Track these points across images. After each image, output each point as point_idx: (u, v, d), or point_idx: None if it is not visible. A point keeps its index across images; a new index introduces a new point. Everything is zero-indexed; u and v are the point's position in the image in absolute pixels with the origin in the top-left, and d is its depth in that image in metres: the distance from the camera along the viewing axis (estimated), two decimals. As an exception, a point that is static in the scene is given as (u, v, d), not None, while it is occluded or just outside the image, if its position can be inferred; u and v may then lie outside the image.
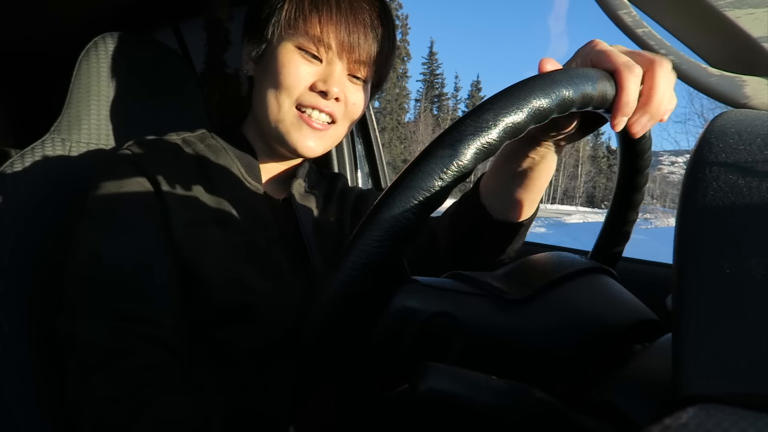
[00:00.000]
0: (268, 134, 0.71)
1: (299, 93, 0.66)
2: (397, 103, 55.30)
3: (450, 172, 0.32)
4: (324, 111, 0.67)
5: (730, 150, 0.26)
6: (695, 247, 0.23)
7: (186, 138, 0.72)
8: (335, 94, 0.66)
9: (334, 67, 0.67)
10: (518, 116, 0.34)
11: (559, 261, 0.43)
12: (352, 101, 0.70)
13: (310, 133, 0.68)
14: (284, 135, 0.68)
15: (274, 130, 0.69)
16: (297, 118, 0.67)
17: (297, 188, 0.76)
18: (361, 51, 0.67)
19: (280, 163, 0.76)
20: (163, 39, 1.31)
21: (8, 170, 0.73)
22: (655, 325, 0.40)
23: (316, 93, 0.67)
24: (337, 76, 0.67)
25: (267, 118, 0.68)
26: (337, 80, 0.67)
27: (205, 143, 0.72)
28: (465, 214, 0.65)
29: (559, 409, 0.30)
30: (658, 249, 5.30)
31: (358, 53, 0.67)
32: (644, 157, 0.50)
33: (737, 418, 0.18)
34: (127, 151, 0.65)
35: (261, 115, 0.70)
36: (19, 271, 0.70)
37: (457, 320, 0.37)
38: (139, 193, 0.62)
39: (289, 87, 0.66)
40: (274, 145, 0.72)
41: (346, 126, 0.72)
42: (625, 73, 0.38)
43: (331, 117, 0.69)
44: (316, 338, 0.35)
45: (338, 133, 0.72)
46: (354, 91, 0.70)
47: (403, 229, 0.32)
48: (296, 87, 0.66)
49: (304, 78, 0.66)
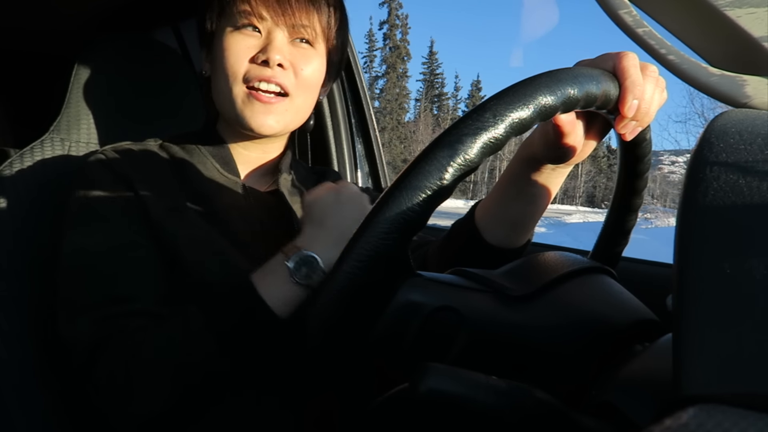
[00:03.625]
0: (229, 121, 0.71)
1: (244, 69, 0.66)
2: (397, 103, 55.32)
3: (456, 165, 0.33)
4: (271, 81, 0.66)
5: (731, 150, 0.26)
6: (696, 247, 0.23)
7: (163, 143, 0.72)
8: (277, 60, 0.65)
9: (274, 35, 0.66)
10: (524, 112, 0.34)
11: (560, 260, 0.43)
12: (302, 67, 0.68)
13: (261, 108, 0.67)
14: (239, 115, 0.67)
15: (230, 113, 0.68)
16: (246, 95, 0.66)
17: (284, 183, 0.75)
18: (296, 12, 0.66)
19: (257, 153, 0.75)
20: (163, 38, 1.30)
21: (7, 170, 0.73)
22: (655, 325, 0.40)
23: (258, 65, 0.66)
24: (279, 44, 0.66)
25: (223, 104, 0.69)
26: (279, 47, 0.66)
27: (180, 145, 0.72)
28: (457, 237, 0.65)
29: (559, 409, 0.30)
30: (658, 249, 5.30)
31: (293, 16, 0.66)
32: (644, 161, 0.50)
33: (738, 419, 0.18)
34: (101, 154, 0.67)
35: (219, 104, 0.70)
36: (18, 270, 0.70)
37: (460, 315, 0.37)
38: (111, 189, 0.63)
39: (233, 66, 0.66)
40: (239, 130, 0.71)
41: (305, 99, 0.70)
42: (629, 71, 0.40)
43: (281, 87, 0.67)
44: (322, 331, 0.35)
45: (296, 105, 0.70)
46: (303, 58, 0.68)
47: (409, 222, 0.32)
48: (239, 63, 0.66)
49: (245, 53, 0.66)
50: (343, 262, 0.34)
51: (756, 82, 0.36)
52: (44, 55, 1.39)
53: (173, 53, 0.92)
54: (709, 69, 0.37)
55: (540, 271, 0.41)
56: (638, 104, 0.43)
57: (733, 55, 0.38)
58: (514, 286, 0.40)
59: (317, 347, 0.35)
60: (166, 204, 0.64)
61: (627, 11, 0.37)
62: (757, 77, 0.36)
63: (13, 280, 0.69)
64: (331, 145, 1.31)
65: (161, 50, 0.90)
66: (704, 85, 0.36)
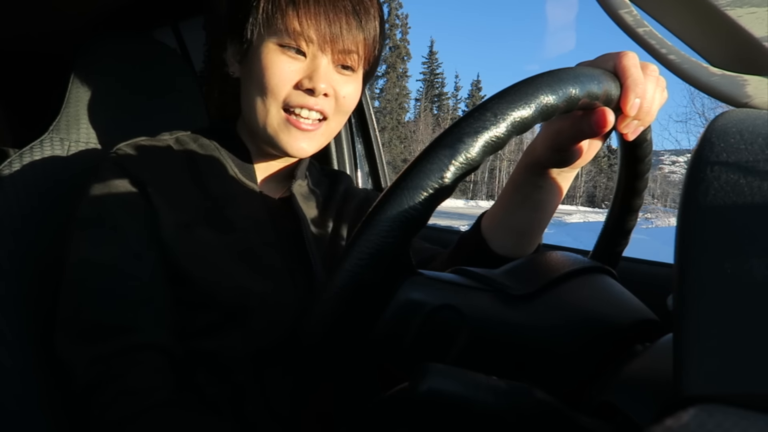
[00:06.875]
0: (257, 136, 0.69)
1: (285, 93, 0.64)
2: (397, 103, 55.30)
3: (458, 164, 0.33)
4: (314, 109, 0.65)
5: (732, 150, 0.26)
6: (696, 246, 0.23)
7: (179, 137, 0.71)
8: (323, 90, 0.63)
9: (319, 61, 0.64)
10: (526, 111, 0.34)
11: (561, 259, 0.43)
12: (343, 94, 0.67)
13: (299, 135, 0.65)
14: (273, 138, 0.66)
15: (262, 132, 0.67)
16: (284, 120, 0.65)
17: (298, 189, 0.74)
18: (346, 40, 0.64)
19: (276, 162, 0.74)
20: (162, 38, 1.30)
21: (7, 170, 0.72)
22: (656, 325, 0.40)
23: (303, 91, 0.64)
24: (324, 71, 0.64)
25: (255, 121, 0.66)
26: (324, 75, 0.64)
27: (198, 143, 0.71)
28: (464, 248, 0.64)
29: (559, 409, 0.30)
30: (659, 249, 5.30)
31: (342, 43, 0.63)
32: (645, 161, 0.50)
33: (738, 419, 0.18)
34: (114, 154, 0.65)
35: (249, 118, 0.68)
36: (17, 271, 0.69)
37: (461, 313, 0.37)
38: (125, 198, 0.62)
39: (274, 89, 0.63)
40: (265, 146, 0.70)
41: (339, 120, 0.70)
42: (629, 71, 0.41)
43: (322, 114, 0.66)
44: (322, 329, 0.35)
45: (331, 128, 0.69)
46: (344, 84, 0.67)
47: (410, 221, 0.32)
48: (282, 88, 0.63)
49: (289, 77, 0.63)
50: (345, 261, 0.33)
51: (757, 81, 0.36)
52: (44, 55, 1.39)
53: (173, 53, 0.92)
54: (710, 69, 0.36)
55: (541, 270, 0.41)
56: (640, 103, 0.43)
57: (734, 54, 0.37)
58: (515, 285, 0.39)
59: (317, 346, 0.35)
60: (179, 217, 0.62)
61: (627, 11, 0.37)
62: (758, 77, 0.36)
63: (13, 280, 0.69)
64: (331, 145, 1.31)
65: (161, 50, 0.90)
66: (705, 84, 0.36)
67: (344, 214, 0.79)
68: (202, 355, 0.61)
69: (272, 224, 0.69)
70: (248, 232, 0.66)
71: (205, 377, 0.61)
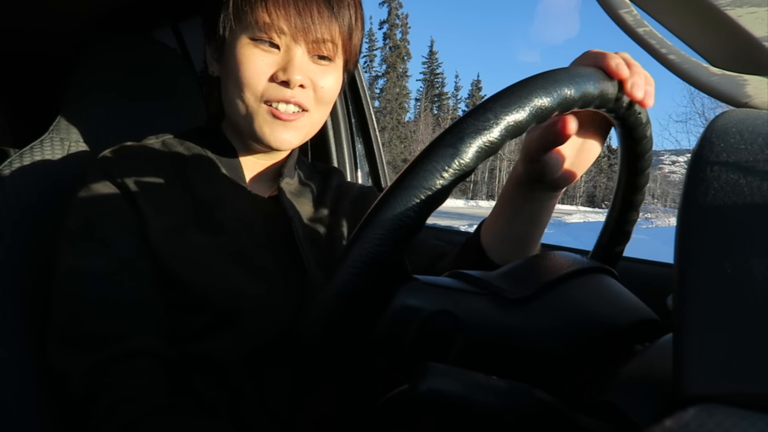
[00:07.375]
0: (242, 133, 0.69)
1: (262, 87, 0.63)
2: (397, 103, 55.30)
3: (451, 170, 0.33)
4: (291, 102, 0.64)
5: (732, 149, 0.26)
6: (696, 246, 0.23)
7: (165, 140, 0.70)
8: (298, 81, 0.62)
9: (293, 52, 0.63)
10: (520, 115, 0.34)
11: (559, 260, 0.43)
12: (321, 85, 0.66)
13: (282, 127, 0.65)
14: (256, 132, 0.65)
15: (245, 128, 0.66)
16: (267, 113, 0.64)
17: (287, 186, 0.73)
18: (318, 30, 0.63)
19: (264, 160, 0.74)
20: (162, 38, 1.30)
21: (7, 170, 0.73)
22: (656, 325, 0.40)
23: (279, 84, 0.63)
24: (298, 62, 0.63)
25: (237, 117, 0.66)
26: (299, 66, 0.63)
27: (185, 145, 0.71)
28: (466, 254, 0.64)
29: (559, 409, 0.30)
30: (659, 249, 5.30)
31: (315, 33, 0.63)
32: (645, 158, 0.50)
33: (738, 419, 0.18)
34: (100, 160, 0.65)
35: (232, 115, 0.68)
36: (17, 271, 0.69)
37: (458, 319, 0.37)
38: (112, 204, 0.62)
39: (250, 83, 0.62)
40: (250, 142, 0.70)
41: (322, 112, 0.69)
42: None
43: (300, 106, 0.65)
44: (316, 337, 0.35)
45: (314, 120, 0.68)
46: (321, 74, 0.66)
47: (404, 228, 0.32)
48: (257, 82, 0.62)
49: (263, 70, 0.63)
50: (339, 267, 0.33)
51: (757, 81, 0.36)
52: (44, 55, 1.39)
53: (173, 53, 0.92)
54: (710, 69, 0.36)
55: (540, 271, 0.41)
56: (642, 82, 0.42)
57: (734, 54, 0.37)
58: (513, 287, 0.39)
59: (312, 351, 0.35)
60: (168, 221, 0.62)
61: (627, 11, 0.37)
62: (758, 77, 0.36)
63: (11, 279, 0.69)
64: (331, 145, 1.31)
65: (161, 50, 0.90)
66: (705, 84, 0.36)
67: (339, 210, 0.78)
68: (197, 358, 0.61)
69: (263, 223, 0.69)
70: (239, 234, 0.65)
71: (202, 381, 0.61)
